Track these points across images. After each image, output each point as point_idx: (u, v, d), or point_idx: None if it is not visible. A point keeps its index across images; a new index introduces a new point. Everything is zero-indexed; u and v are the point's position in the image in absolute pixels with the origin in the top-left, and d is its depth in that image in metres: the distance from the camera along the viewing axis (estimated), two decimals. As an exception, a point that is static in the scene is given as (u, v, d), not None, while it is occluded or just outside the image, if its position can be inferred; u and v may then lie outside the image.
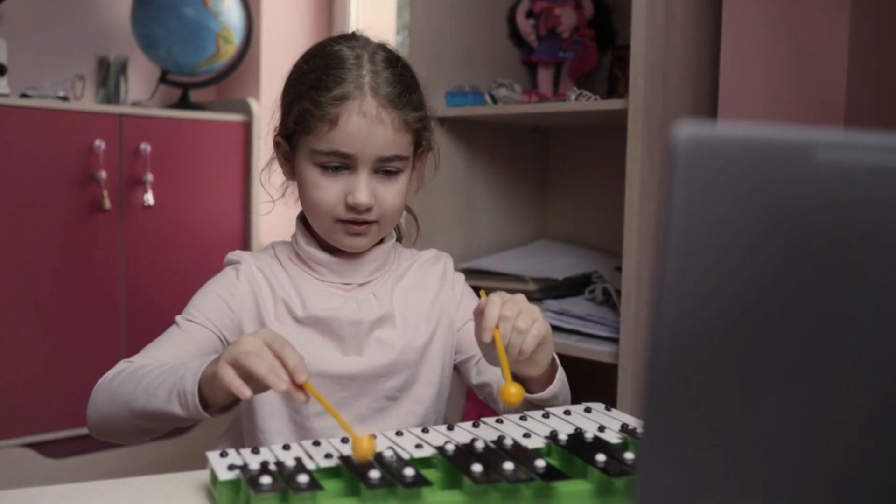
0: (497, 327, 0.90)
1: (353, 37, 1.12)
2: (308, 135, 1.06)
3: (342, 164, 1.05)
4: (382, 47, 1.10)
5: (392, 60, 1.08)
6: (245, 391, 0.82)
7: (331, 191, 1.06)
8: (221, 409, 0.92)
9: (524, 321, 0.92)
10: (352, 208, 1.06)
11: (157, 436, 1.01)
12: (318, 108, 1.04)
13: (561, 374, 1.04)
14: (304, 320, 1.09)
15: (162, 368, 0.96)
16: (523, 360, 0.93)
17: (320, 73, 1.06)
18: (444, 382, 1.15)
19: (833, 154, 0.39)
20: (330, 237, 1.10)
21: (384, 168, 1.07)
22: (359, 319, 1.09)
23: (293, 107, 1.08)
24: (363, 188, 1.05)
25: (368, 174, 1.06)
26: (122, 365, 1.03)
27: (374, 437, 0.77)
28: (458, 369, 1.19)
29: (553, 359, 1.01)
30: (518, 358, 0.92)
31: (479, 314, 0.92)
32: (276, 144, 1.15)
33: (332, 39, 1.12)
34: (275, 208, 1.21)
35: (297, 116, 1.07)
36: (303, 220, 1.15)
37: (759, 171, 0.38)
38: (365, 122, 1.03)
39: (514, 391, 0.83)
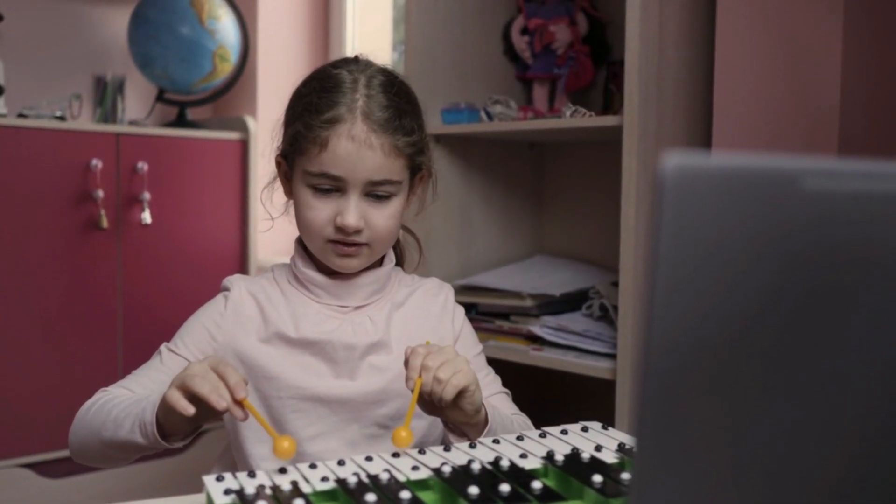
0: (420, 376, 0.95)
1: (355, 61, 1.13)
2: (301, 156, 1.08)
3: (333, 186, 1.06)
4: (382, 71, 1.11)
5: (388, 85, 1.09)
6: (189, 409, 0.87)
7: (322, 212, 1.07)
8: (182, 437, 0.96)
9: (445, 371, 0.95)
10: (341, 229, 1.06)
11: (130, 462, 1.06)
12: (309, 130, 1.05)
13: (496, 423, 1.03)
14: (297, 342, 1.09)
15: (130, 400, 1.01)
16: (446, 408, 0.97)
17: (314, 97, 1.07)
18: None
19: (820, 182, 0.39)
20: (322, 257, 1.11)
21: (375, 192, 1.07)
22: (353, 344, 1.09)
23: (288, 128, 1.10)
24: (352, 210, 1.06)
25: (359, 197, 1.06)
26: (99, 394, 1.07)
27: (293, 440, 0.84)
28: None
29: (483, 411, 1.01)
30: (440, 405, 0.96)
31: (406, 365, 0.97)
32: (278, 164, 1.16)
33: (334, 64, 1.13)
34: (275, 226, 1.21)
35: (292, 138, 1.09)
36: (301, 241, 1.16)
37: (746, 201, 0.38)
38: (353, 146, 1.04)
39: (404, 435, 0.86)
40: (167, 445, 0.95)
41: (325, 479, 0.78)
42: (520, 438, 0.91)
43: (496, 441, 0.90)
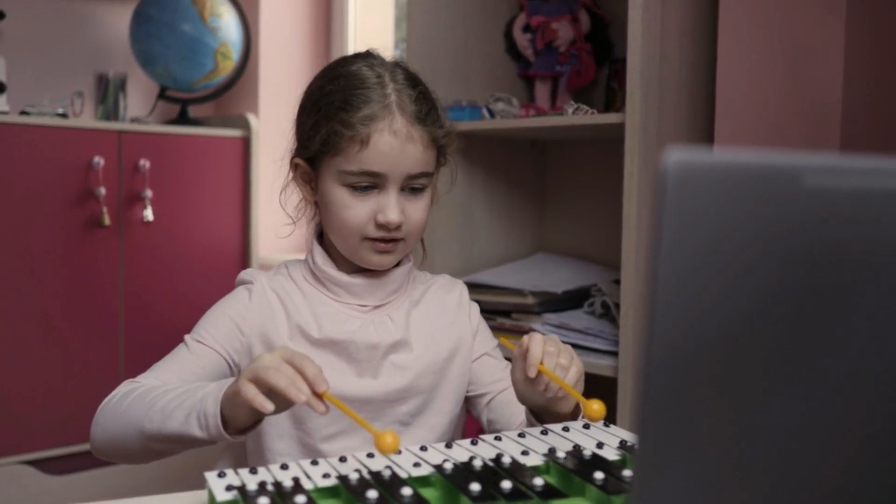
0: (542, 363, 0.94)
1: (369, 55, 1.12)
2: (336, 156, 1.06)
3: (371, 183, 1.05)
4: (398, 65, 1.11)
5: (413, 79, 1.09)
6: (268, 405, 0.83)
7: (360, 210, 1.06)
8: (240, 431, 0.91)
9: (566, 358, 0.96)
10: (382, 226, 1.06)
11: (168, 457, 1.00)
12: (348, 128, 1.04)
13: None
14: (320, 342, 1.08)
15: (177, 391, 0.95)
16: (562, 396, 0.96)
17: (346, 94, 1.06)
18: (455, 411, 1.15)
19: (820, 178, 0.39)
20: (356, 256, 1.10)
21: (411, 185, 1.07)
22: (376, 343, 1.09)
23: (319, 128, 1.07)
24: (394, 206, 1.05)
25: (397, 192, 1.06)
26: (128, 385, 1.02)
27: (396, 435, 0.78)
28: (468, 401, 1.19)
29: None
30: (559, 394, 0.95)
31: (523, 354, 0.96)
32: (295, 166, 1.13)
33: (347, 59, 1.12)
34: (276, 224, 1.20)
35: (325, 138, 1.06)
36: (320, 240, 1.15)
37: (748, 197, 0.38)
38: (397, 141, 1.04)
39: (597, 407, 0.86)
40: (229, 439, 0.90)
41: (326, 475, 0.78)
42: (521, 435, 0.91)
43: (497, 438, 0.90)
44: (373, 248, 1.08)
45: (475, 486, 0.74)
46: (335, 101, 1.06)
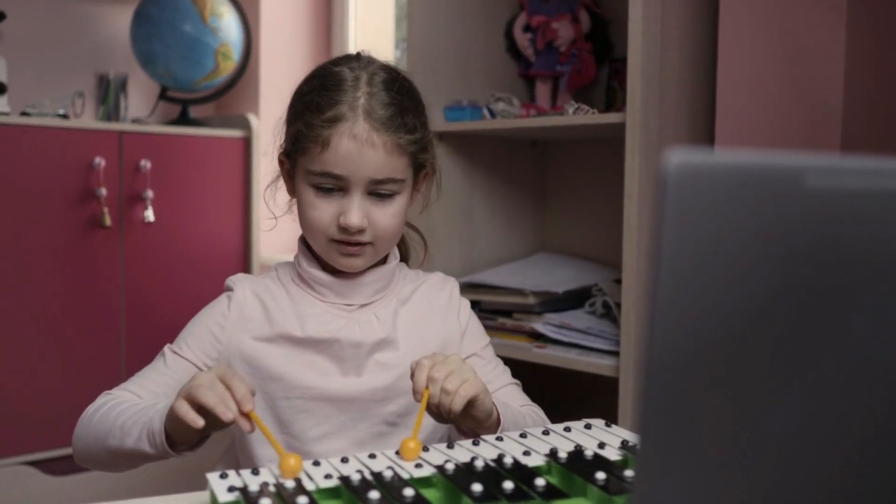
0: (427, 388, 0.93)
1: (357, 58, 1.12)
2: (303, 155, 1.07)
3: (335, 185, 1.06)
4: (385, 68, 1.10)
5: (390, 82, 1.08)
6: (198, 421, 0.87)
7: (325, 211, 1.07)
8: (189, 447, 0.96)
9: (452, 382, 0.93)
10: (344, 229, 1.06)
11: (138, 467, 1.04)
12: (310, 129, 1.05)
13: (509, 422, 1.02)
14: (304, 341, 1.09)
15: (137, 407, 0.99)
16: (456, 418, 0.96)
17: (316, 95, 1.07)
18: None
19: (823, 179, 0.39)
20: (326, 257, 1.11)
21: (377, 190, 1.06)
22: (360, 341, 1.09)
23: (290, 126, 1.10)
24: (355, 210, 1.05)
25: (361, 196, 1.06)
26: (103, 398, 1.06)
27: (300, 458, 0.81)
28: None
29: (495, 414, 1.00)
30: (449, 417, 0.95)
31: (412, 377, 0.95)
32: (281, 163, 1.15)
33: (335, 61, 1.13)
34: (278, 224, 1.21)
35: (294, 137, 1.08)
36: (304, 240, 1.15)
37: (749, 198, 0.39)
38: (355, 145, 1.03)
39: (413, 446, 0.84)
40: (175, 455, 0.95)
41: (328, 476, 0.78)
42: (523, 436, 0.91)
43: (499, 438, 0.90)
44: (338, 250, 1.08)
45: (477, 487, 0.74)
46: (306, 101, 1.08)
